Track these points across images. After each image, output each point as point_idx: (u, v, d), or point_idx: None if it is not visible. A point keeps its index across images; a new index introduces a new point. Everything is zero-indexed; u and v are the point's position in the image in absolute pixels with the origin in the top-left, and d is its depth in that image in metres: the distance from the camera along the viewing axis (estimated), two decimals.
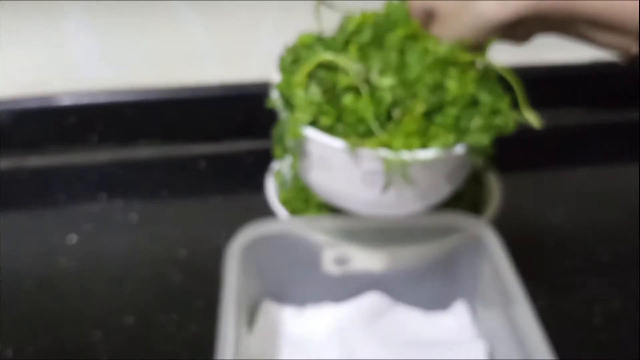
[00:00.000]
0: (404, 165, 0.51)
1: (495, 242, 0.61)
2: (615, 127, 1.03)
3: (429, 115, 0.52)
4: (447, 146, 0.51)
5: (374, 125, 0.51)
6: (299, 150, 0.56)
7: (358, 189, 0.54)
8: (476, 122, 0.51)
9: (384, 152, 0.50)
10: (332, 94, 0.53)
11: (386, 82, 0.51)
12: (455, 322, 0.66)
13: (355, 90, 0.52)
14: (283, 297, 0.67)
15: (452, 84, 0.51)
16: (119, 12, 0.90)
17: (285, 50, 0.57)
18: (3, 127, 0.94)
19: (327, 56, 0.53)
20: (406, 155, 0.50)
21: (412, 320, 0.65)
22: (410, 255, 0.64)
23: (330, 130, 0.53)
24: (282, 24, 0.92)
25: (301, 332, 0.65)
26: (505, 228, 0.63)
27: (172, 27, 0.92)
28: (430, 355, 0.61)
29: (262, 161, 0.82)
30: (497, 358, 0.61)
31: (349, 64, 0.52)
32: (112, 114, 0.95)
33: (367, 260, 0.64)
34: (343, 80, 0.52)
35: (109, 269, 0.77)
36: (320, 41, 0.56)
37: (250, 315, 0.65)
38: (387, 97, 0.51)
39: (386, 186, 0.53)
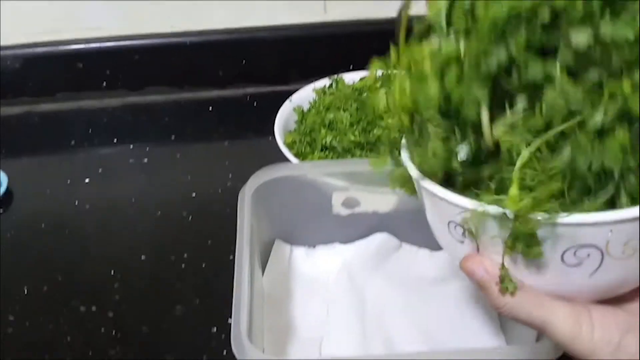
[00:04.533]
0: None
1: None
2: None
3: None
4: None
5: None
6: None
7: (553, 274, 0.39)
8: None
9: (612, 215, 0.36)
10: None
11: None
12: None
13: None
14: (294, 238, 0.69)
15: None
16: None
17: None
18: (14, 74, 0.94)
19: None
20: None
21: (418, 260, 0.67)
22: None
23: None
24: None
25: (311, 272, 0.67)
26: None
27: None
28: (436, 292, 0.64)
29: (267, 106, 0.83)
30: None
31: None
32: (119, 61, 0.96)
33: (374, 202, 0.66)
34: None
35: (122, 211, 0.80)
36: None
37: (263, 256, 0.67)
38: None
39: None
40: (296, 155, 0.75)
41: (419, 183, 0.42)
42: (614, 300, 0.41)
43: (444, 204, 0.40)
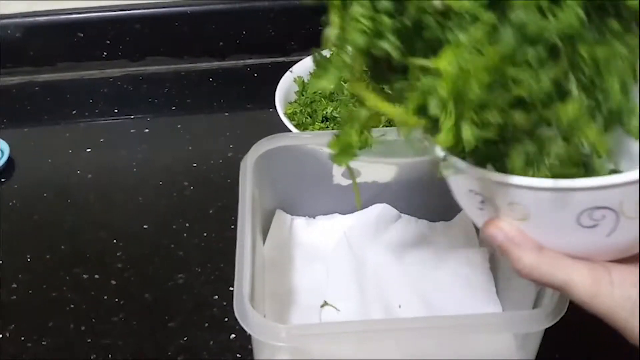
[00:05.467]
0: None
1: None
2: None
3: None
4: None
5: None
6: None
7: (571, 236, 0.40)
8: None
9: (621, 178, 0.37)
10: None
11: None
12: (458, 231, 0.68)
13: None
14: (295, 208, 0.69)
15: None
16: None
17: None
18: (14, 43, 0.94)
19: None
20: None
21: (417, 230, 0.68)
22: (415, 167, 0.66)
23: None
24: None
25: (312, 241, 0.67)
26: None
27: None
28: (434, 261, 0.64)
29: (268, 77, 0.83)
30: (497, 265, 0.63)
31: None
32: (120, 30, 0.95)
33: (375, 172, 0.66)
34: None
35: (123, 180, 0.80)
36: None
37: (264, 226, 0.68)
38: None
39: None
40: (297, 126, 0.75)
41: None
42: (633, 258, 0.41)
43: (462, 174, 0.41)
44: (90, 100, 0.93)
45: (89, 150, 0.84)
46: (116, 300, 0.66)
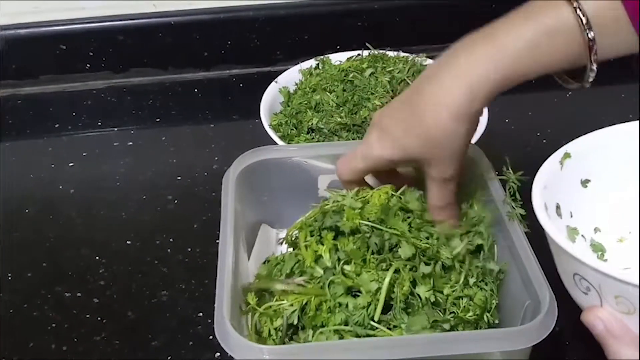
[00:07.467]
0: None
1: (486, 162, 0.61)
2: None
3: None
4: None
5: None
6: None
7: None
8: None
9: None
10: None
11: None
12: None
13: None
14: (280, 221, 0.68)
15: None
16: None
17: None
18: None
19: None
20: None
21: None
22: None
23: None
24: None
25: None
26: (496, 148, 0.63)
27: None
28: None
29: (253, 87, 0.82)
30: None
31: None
32: (103, 42, 0.95)
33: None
34: None
35: (106, 195, 0.79)
36: None
37: (250, 239, 0.67)
38: None
39: None
40: (282, 137, 0.74)
41: (548, 234, 0.44)
42: None
43: (571, 258, 0.42)
44: (73, 113, 0.92)
45: (71, 164, 0.83)
46: (98, 318, 0.65)
